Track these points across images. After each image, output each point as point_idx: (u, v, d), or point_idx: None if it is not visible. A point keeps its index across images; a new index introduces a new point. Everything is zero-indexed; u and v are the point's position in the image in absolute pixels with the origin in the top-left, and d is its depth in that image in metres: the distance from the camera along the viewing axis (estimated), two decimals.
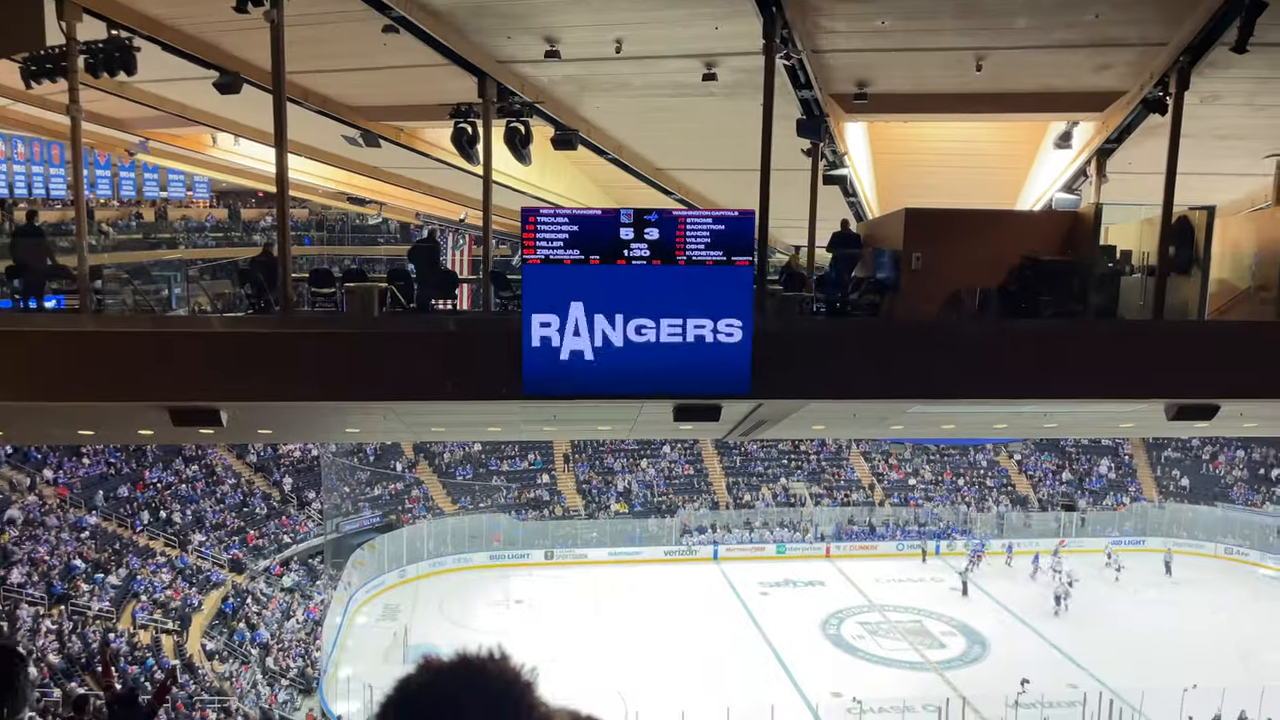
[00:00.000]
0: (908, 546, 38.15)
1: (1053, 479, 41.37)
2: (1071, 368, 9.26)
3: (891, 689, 25.92)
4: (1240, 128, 10.94)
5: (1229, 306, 10.77)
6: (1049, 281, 9.77)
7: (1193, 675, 25.20)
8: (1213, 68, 9.28)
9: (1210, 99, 9.95)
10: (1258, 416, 13.00)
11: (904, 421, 13.61)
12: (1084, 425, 18.30)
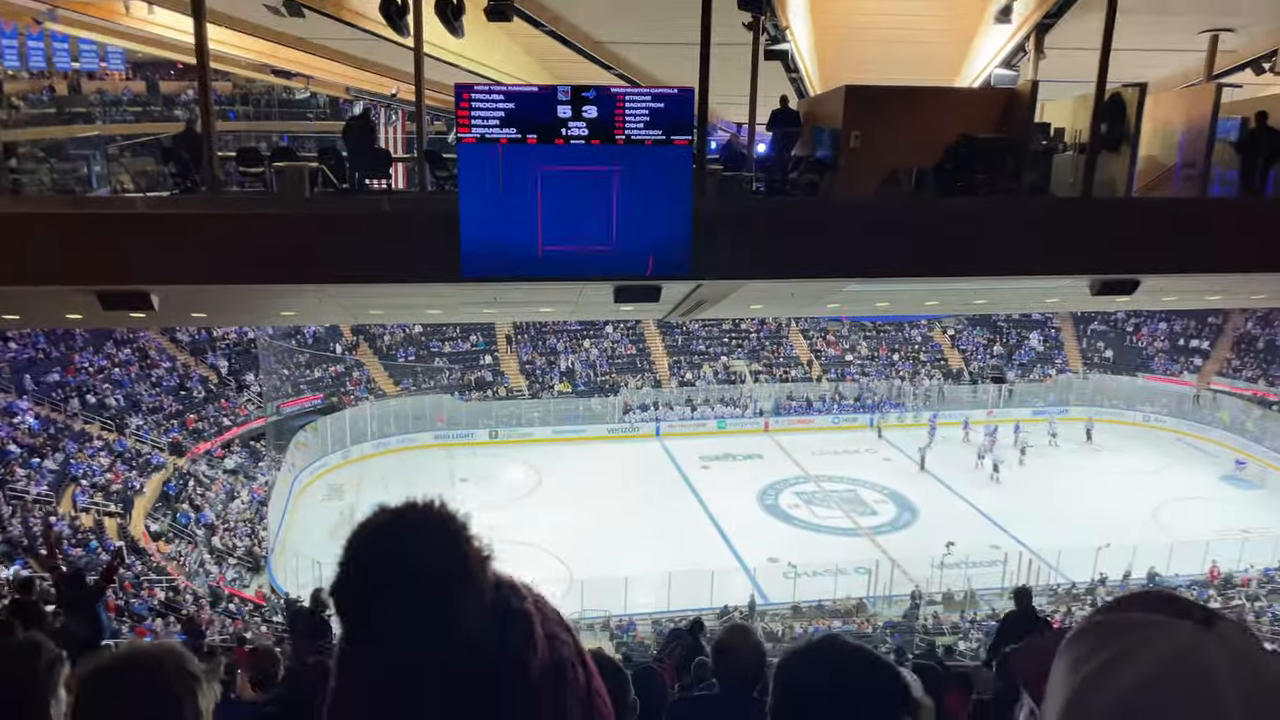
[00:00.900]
0: (844, 420, 39.32)
1: (984, 352, 42.63)
2: (1003, 245, 9.47)
3: (825, 554, 27.20)
4: (1176, 1, 10.95)
5: (1156, 183, 11.02)
6: (984, 159, 9.86)
7: (1108, 535, 26.84)
8: None
9: None
10: (1178, 290, 13.50)
11: (841, 300, 13.86)
12: (1012, 300, 18.80)
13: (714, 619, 24.66)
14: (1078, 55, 10.85)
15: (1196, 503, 31.18)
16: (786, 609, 25.74)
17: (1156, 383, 40.04)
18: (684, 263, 8.31)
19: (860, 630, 24.67)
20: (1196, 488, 32.88)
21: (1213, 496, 32.20)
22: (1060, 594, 26.15)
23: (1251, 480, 33.73)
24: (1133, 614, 0.93)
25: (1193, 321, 41.10)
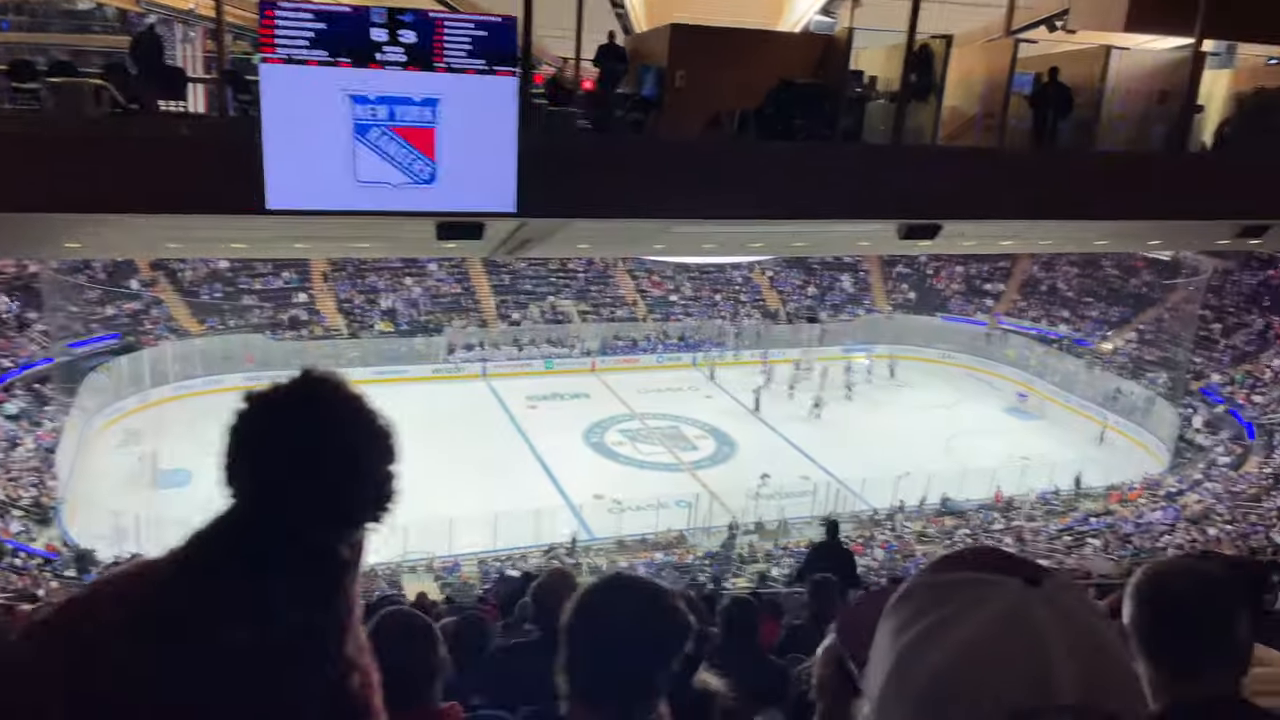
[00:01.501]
0: (669, 359, 40.12)
1: (799, 294, 44.38)
2: (820, 189, 9.78)
3: (649, 489, 27.89)
4: None
5: (959, 132, 11.63)
6: (802, 104, 10.09)
7: (907, 465, 28.75)
8: None
9: None
10: (976, 235, 14.39)
11: (667, 241, 13.98)
12: (829, 244, 19.58)
13: (540, 557, 24.92)
14: (891, 6, 11.23)
15: (985, 433, 33.85)
16: (611, 543, 26.29)
17: (953, 322, 42.93)
18: (508, 199, 8.12)
19: (680, 561, 25.55)
20: (985, 419, 35.69)
21: (999, 427, 35.05)
22: (864, 520, 27.93)
23: (1032, 411, 36.93)
24: (956, 573, 0.88)
25: (986, 265, 44.14)
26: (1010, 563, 0.89)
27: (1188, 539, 24.16)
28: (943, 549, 26.08)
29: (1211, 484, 28.92)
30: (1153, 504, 28.29)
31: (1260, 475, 28.51)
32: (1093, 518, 28.06)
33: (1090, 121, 11.39)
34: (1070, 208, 10.99)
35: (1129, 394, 35.70)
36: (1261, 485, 27.61)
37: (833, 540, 9.77)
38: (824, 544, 9.90)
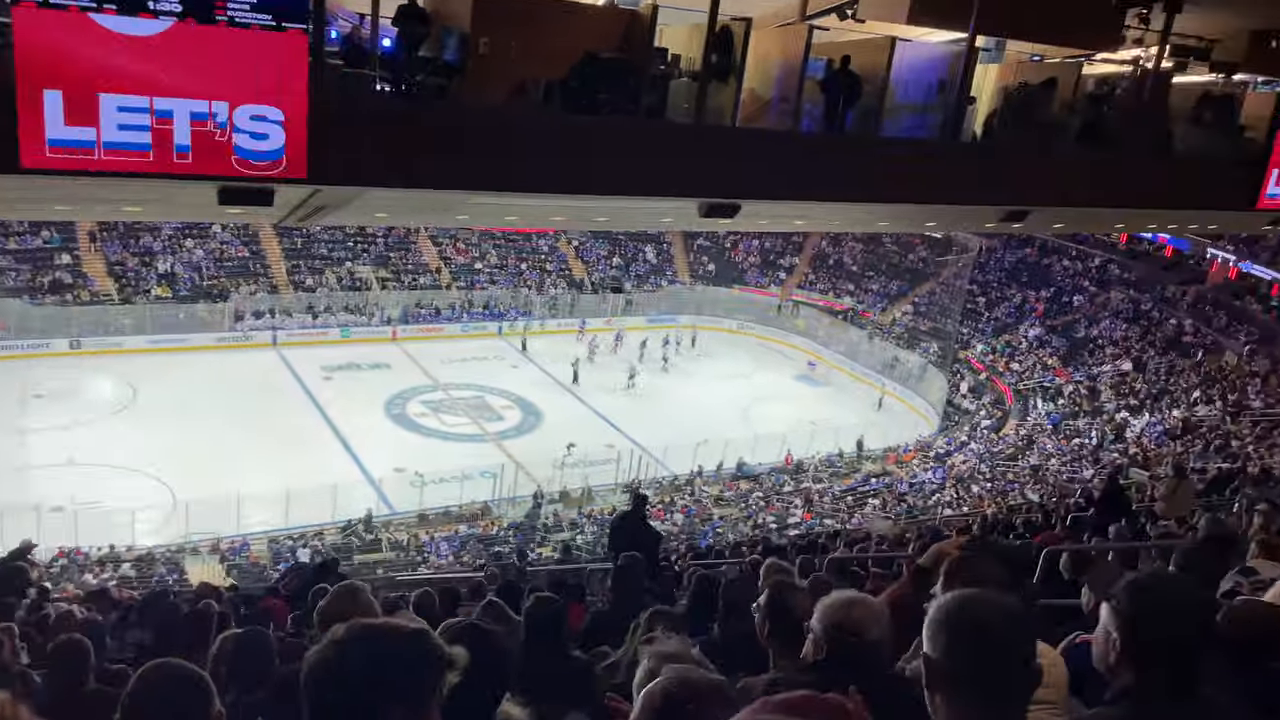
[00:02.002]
0: (473, 328, 39.51)
1: (604, 264, 44.76)
2: (623, 164, 9.81)
3: (453, 461, 27.46)
4: None
5: (756, 114, 11.96)
6: (607, 78, 10.06)
7: (706, 432, 29.75)
8: None
9: None
10: (771, 215, 14.91)
11: (470, 211, 13.65)
12: (632, 219, 19.75)
13: (336, 534, 24.07)
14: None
15: (778, 400, 35.52)
16: (413, 517, 25.74)
17: (749, 294, 44.63)
18: (298, 164, 7.65)
19: (485, 532, 25.37)
20: (778, 387, 37.44)
21: (790, 394, 36.86)
22: (665, 485, 28.71)
23: (820, 379, 39.06)
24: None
25: (780, 240, 46.10)
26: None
27: (954, 496, 26.34)
28: (737, 511, 27.26)
29: (975, 445, 31.64)
30: (925, 465, 30.66)
31: (1016, 437, 31.46)
32: (873, 478, 30.09)
33: (876, 109, 11.99)
34: (858, 190, 11.58)
35: (905, 362, 38.42)
36: (1017, 446, 30.49)
37: (637, 512, 9.92)
38: (628, 515, 10.02)
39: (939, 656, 1.63)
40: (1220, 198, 14.08)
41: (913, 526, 19.20)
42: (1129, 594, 1.84)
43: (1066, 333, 37.53)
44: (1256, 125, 13.75)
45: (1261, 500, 13.67)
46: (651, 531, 10.03)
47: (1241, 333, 32.93)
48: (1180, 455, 24.38)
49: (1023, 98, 12.93)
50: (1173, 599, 1.88)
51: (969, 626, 1.64)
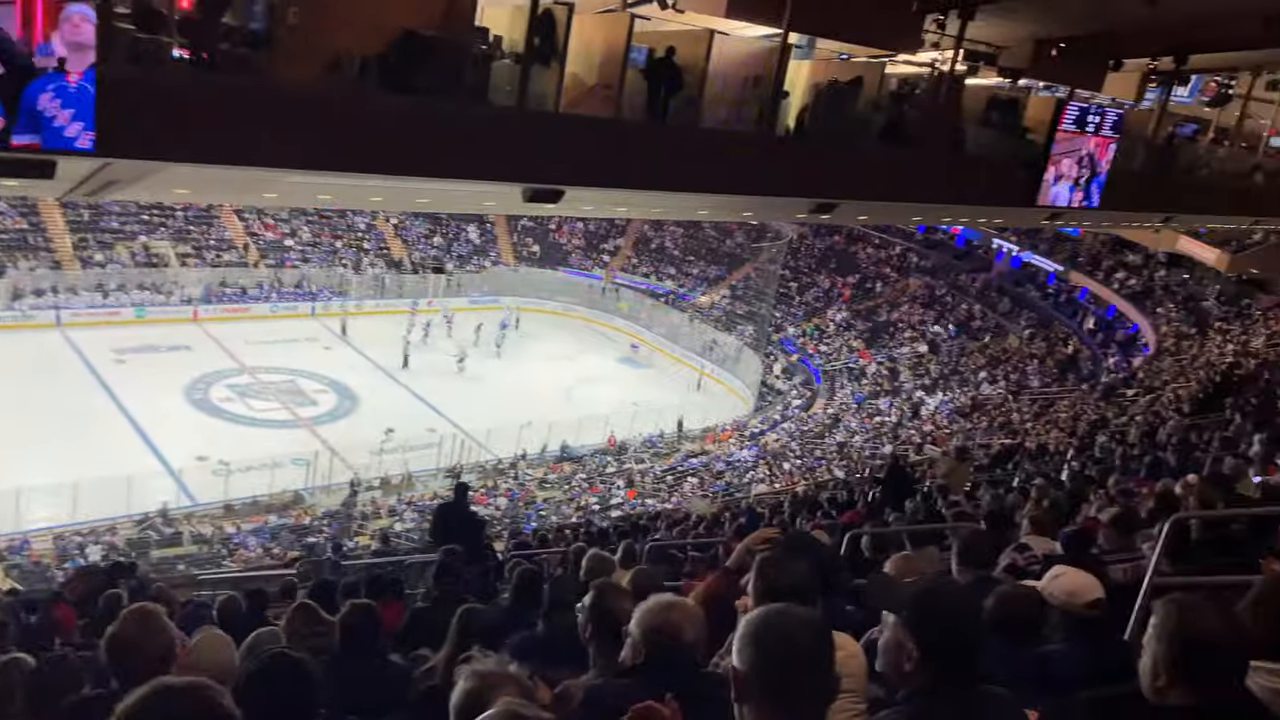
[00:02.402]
0: (284, 309, 37.71)
1: (425, 243, 43.69)
2: (444, 146, 9.58)
3: (262, 448, 26.16)
4: None
5: (580, 100, 11.96)
6: (427, 57, 9.79)
7: (530, 414, 29.65)
8: None
9: None
10: (595, 201, 14.98)
11: (279, 190, 12.98)
12: (454, 202, 19.35)
13: (131, 528, 22.50)
14: None
15: (601, 382, 35.85)
16: (218, 508, 24.38)
17: (573, 275, 44.73)
18: (86, 136, 7.04)
19: (298, 522, 24.36)
20: (602, 369, 37.78)
21: (613, 376, 37.29)
22: (488, 469, 28.47)
23: (642, 361, 39.70)
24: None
25: (604, 223, 46.40)
26: None
27: (768, 474, 27.47)
28: (561, 494, 27.40)
29: (787, 424, 33.08)
30: (741, 443, 31.79)
31: (824, 416, 33.12)
32: (692, 458, 30.94)
33: (696, 99, 12.25)
34: (679, 180, 11.80)
35: (723, 345, 39.62)
36: (825, 424, 32.09)
37: (460, 501, 9.78)
38: (450, 505, 9.88)
39: (745, 670, 1.71)
40: (1004, 194, 15.24)
41: (729, 504, 19.89)
42: (916, 606, 1.98)
43: (870, 316, 39.75)
44: (1037, 128, 14.93)
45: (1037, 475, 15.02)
46: (475, 519, 9.93)
47: (1022, 318, 35.91)
48: (969, 431, 26.40)
49: (832, 94, 13.53)
50: (954, 604, 2.05)
51: (772, 642, 1.73)
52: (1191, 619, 2.00)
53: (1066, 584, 3.10)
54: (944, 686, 1.95)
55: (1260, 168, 20.38)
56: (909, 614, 1.98)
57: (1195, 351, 26.28)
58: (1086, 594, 3.07)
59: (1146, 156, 17.66)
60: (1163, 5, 11.74)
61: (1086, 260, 35.68)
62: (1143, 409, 21.19)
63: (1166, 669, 2.01)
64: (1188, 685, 1.99)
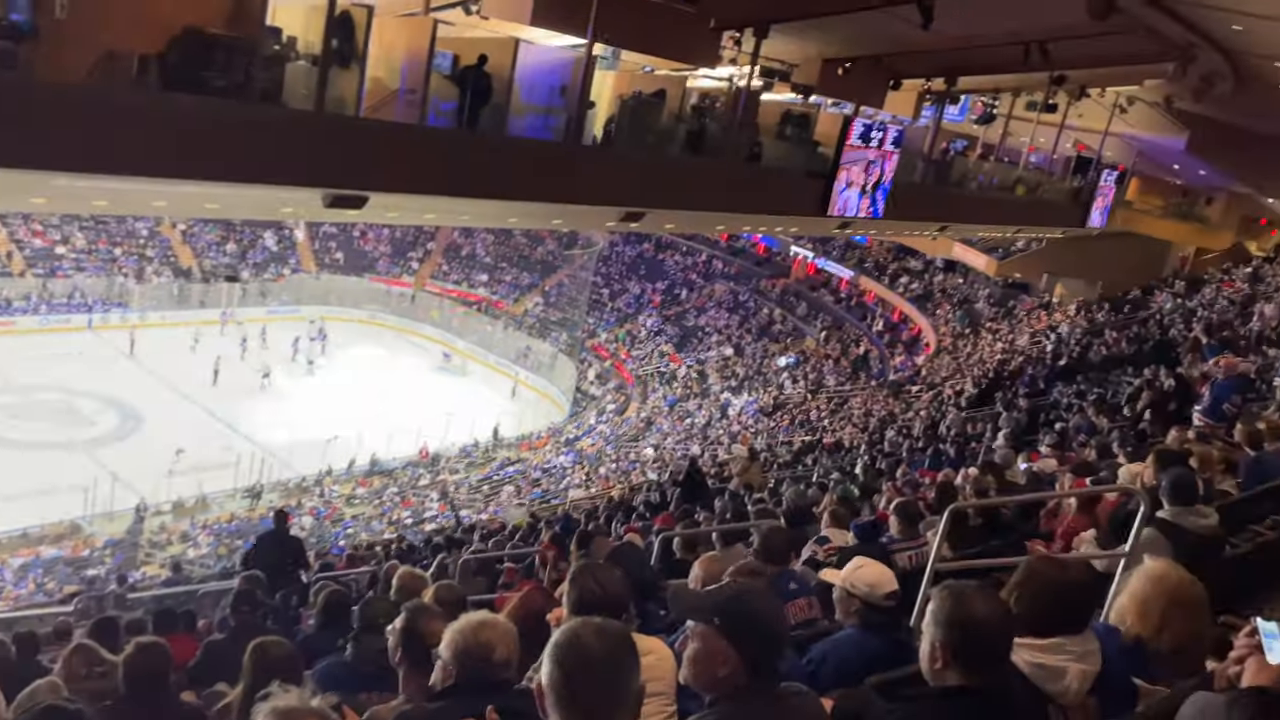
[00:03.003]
0: (56, 321, 34.57)
1: (217, 250, 41.22)
2: (235, 150, 9.10)
3: (32, 475, 23.86)
4: None
5: (382, 104, 11.66)
6: (214, 56, 9.27)
7: (337, 427, 28.54)
8: None
9: None
10: (401, 207, 14.61)
11: (48, 194, 11.90)
12: (247, 207, 18.36)
13: None
14: None
15: (413, 392, 34.95)
16: None
17: (380, 283, 43.42)
18: None
19: (76, 554, 22.41)
20: (413, 378, 36.85)
21: (426, 386, 36.46)
22: (291, 488, 27.20)
23: (455, 370, 39.04)
24: None
25: (412, 230, 45.34)
26: None
27: (584, 479, 27.66)
28: (371, 509, 26.54)
29: (601, 428, 33.44)
30: (557, 450, 31.86)
31: (638, 419, 33.71)
32: (508, 466, 30.73)
33: (504, 107, 12.21)
34: (488, 187, 11.71)
35: (537, 351, 39.59)
36: (638, 428, 32.67)
37: (279, 529, 9.23)
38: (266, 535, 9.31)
39: (552, 685, 1.75)
40: (799, 203, 16.04)
41: (545, 512, 19.89)
42: (728, 613, 2.08)
43: (679, 321, 40.80)
44: (828, 141, 15.81)
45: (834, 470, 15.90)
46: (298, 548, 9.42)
47: (818, 321, 37.88)
48: (773, 430, 27.59)
49: (636, 105, 13.83)
50: (762, 605, 2.16)
51: (569, 656, 1.77)
52: (963, 605, 2.21)
53: (868, 576, 3.31)
54: (755, 686, 2.05)
55: (1021, 181, 22.44)
56: (723, 621, 2.06)
57: (970, 350, 28.57)
58: (886, 586, 3.28)
59: (924, 170, 19.08)
60: (934, 30, 12.70)
61: (874, 266, 38.07)
62: (926, 404, 22.83)
63: (943, 652, 2.20)
64: (962, 666, 2.18)
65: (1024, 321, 29.58)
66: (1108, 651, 2.49)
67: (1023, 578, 2.54)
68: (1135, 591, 2.78)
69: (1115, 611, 2.86)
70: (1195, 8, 12.17)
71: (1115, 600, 2.96)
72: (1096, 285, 30.01)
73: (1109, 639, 2.60)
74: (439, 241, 45.65)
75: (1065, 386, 18.71)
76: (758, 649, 2.05)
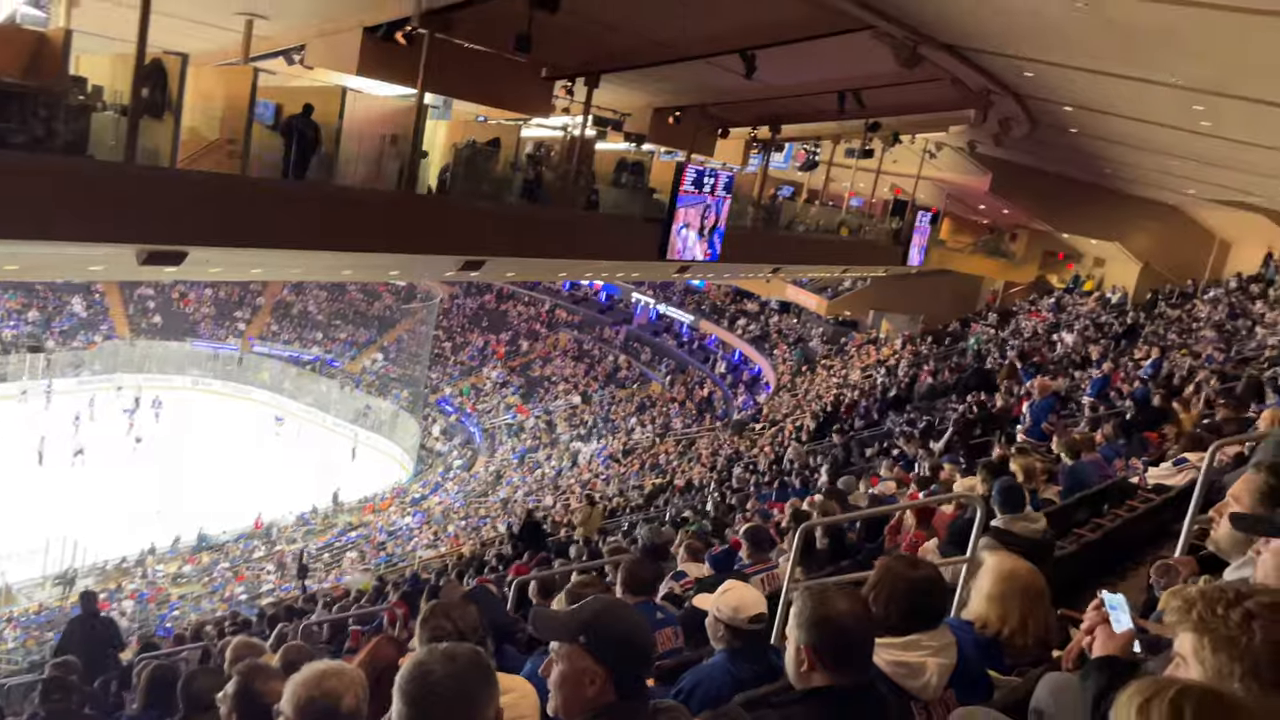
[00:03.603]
0: None
1: (17, 319, 38.09)
2: (31, 206, 8.45)
3: None
4: None
5: (201, 155, 11.13)
6: (9, 108, 8.64)
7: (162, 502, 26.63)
8: None
9: None
10: (225, 262, 13.93)
11: None
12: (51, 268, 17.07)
13: None
14: (114, 11, 10.29)
15: (243, 459, 33.08)
16: None
17: (205, 346, 41.15)
18: None
19: None
20: (243, 445, 34.90)
21: (257, 452, 34.59)
22: (109, 571, 25.17)
23: (289, 434, 37.27)
24: None
25: (237, 288, 43.31)
26: None
27: (432, 538, 26.85)
28: (200, 587, 24.84)
29: (449, 485, 32.64)
30: (403, 510, 30.84)
31: (486, 474, 33.10)
32: (350, 531, 29.47)
33: (332, 157, 11.89)
34: (318, 238, 11.32)
35: (377, 410, 38.38)
36: (487, 482, 32.07)
37: (88, 610, 8.46)
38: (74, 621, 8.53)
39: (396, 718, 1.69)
40: (637, 249, 16.29)
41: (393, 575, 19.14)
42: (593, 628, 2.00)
43: (524, 372, 40.53)
44: (663, 188, 16.17)
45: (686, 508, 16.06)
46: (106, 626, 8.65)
47: (663, 365, 38.46)
48: (624, 475, 27.66)
49: (471, 154, 13.75)
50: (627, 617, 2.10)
51: (425, 687, 1.74)
52: (825, 604, 2.21)
53: (731, 599, 3.28)
54: (625, 704, 1.97)
55: (844, 224, 23.63)
56: (588, 638, 1.98)
57: (807, 387, 29.63)
58: (750, 609, 3.26)
59: (755, 214, 19.80)
60: (757, 79, 13.27)
61: (713, 310, 39.10)
62: (769, 440, 23.45)
63: (808, 654, 2.19)
64: (827, 666, 2.18)
65: (855, 357, 30.95)
66: (963, 646, 2.56)
67: (879, 577, 2.58)
68: (990, 591, 2.88)
69: (971, 612, 2.95)
70: (990, 56, 13.21)
71: (970, 602, 3.05)
72: (919, 320, 31.84)
73: (963, 634, 2.67)
74: (267, 299, 43.79)
75: (897, 416, 19.64)
76: (625, 663, 1.99)
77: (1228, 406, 8.19)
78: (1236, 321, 19.30)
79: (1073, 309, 26.92)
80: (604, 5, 11.88)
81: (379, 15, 12.04)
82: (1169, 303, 23.89)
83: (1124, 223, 26.68)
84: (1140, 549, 5.48)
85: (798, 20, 11.81)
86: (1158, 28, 9.14)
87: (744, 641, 3.21)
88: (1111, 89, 12.97)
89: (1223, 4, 7.64)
